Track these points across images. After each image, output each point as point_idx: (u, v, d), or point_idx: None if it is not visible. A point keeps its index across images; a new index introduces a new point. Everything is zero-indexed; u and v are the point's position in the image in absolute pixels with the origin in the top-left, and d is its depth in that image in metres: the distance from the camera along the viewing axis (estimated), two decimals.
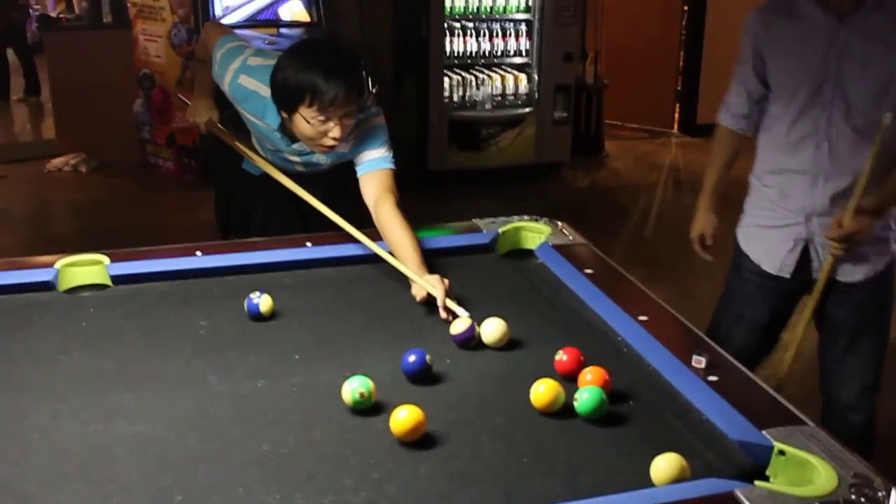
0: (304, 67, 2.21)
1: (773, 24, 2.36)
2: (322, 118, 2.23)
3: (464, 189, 5.86)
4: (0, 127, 8.41)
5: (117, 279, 2.14)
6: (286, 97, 2.25)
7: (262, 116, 2.43)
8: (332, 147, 2.31)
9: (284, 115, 2.31)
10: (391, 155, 2.39)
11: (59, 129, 6.64)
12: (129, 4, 6.20)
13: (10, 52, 9.26)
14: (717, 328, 2.58)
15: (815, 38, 2.25)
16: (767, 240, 2.48)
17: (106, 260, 2.17)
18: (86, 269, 2.15)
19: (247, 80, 2.44)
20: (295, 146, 2.47)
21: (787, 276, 2.44)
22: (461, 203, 5.38)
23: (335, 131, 2.26)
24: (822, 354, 2.52)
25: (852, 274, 2.38)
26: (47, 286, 2.10)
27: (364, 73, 2.30)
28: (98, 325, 1.96)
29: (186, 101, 2.93)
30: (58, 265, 2.13)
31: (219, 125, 2.77)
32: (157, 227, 5.34)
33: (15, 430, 1.55)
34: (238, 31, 4.33)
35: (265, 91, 2.36)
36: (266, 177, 2.61)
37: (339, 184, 2.46)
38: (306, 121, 2.24)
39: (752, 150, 2.56)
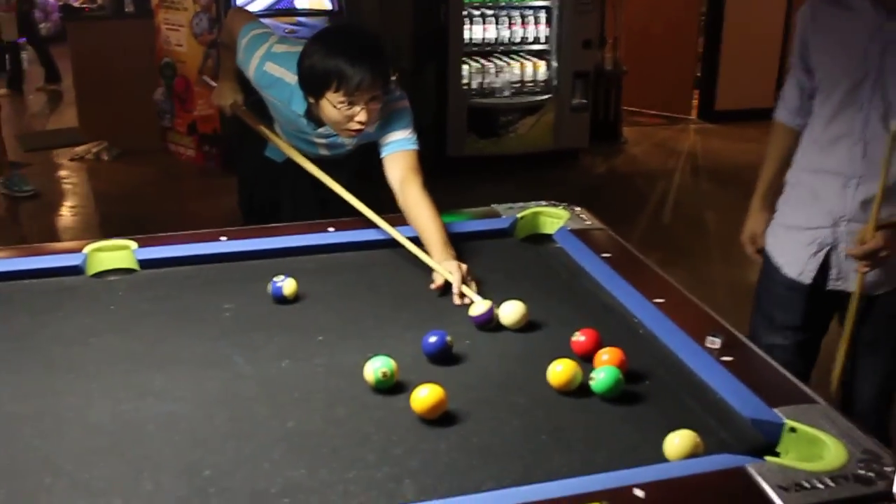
0: (330, 53, 2.25)
1: (821, 13, 2.25)
2: (349, 103, 2.28)
3: (483, 176, 5.89)
4: (19, 116, 8.51)
5: (144, 263, 2.19)
6: (313, 83, 2.30)
7: (288, 102, 2.48)
8: (358, 131, 2.35)
9: (311, 100, 2.35)
10: (416, 137, 2.43)
11: (82, 117, 6.71)
12: None
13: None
14: (753, 332, 2.48)
15: (861, 30, 2.12)
16: (792, 242, 2.36)
17: (133, 245, 2.22)
18: (113, 253, 2.21)
19: (272, 67, 2.49)
20: (321, 130, 2.52)
21: (808, 281, 2.32)
22: (480, 190, 5.41)
23: (361, 115, 2.30)
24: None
25: (874, 287, 2.25)
26: (76, 270, 2.15)
27: (388, 58, 2.34)
28: (126, 308, 2.02)
29: (212, 83, 2.98)
30: (86, 250, 2.19)
31: (243, 108, 2.81)
32: (179, 215, 5.41)
33: (50, 409, 1.60)
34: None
35: (291, 77, 2.41)
36: (289, 164, 2.66)
37: (363, 169, 2.50)
38: (333, 106, 2.29)
39: None
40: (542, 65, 6.40)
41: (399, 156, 2.39)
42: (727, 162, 6.63)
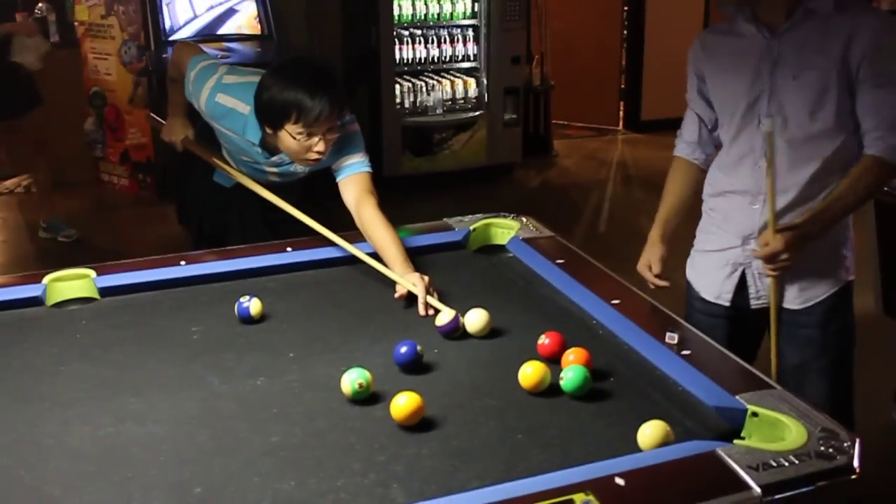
0: (288, 86, 2.30)
1: (711, 45, 2.31)
2: (307, 134, 2.33)
3: (420, 194, 5.95)
4: None
5: (104, 291, 2.20)
6: (272, 115, 2.35)
7: (241, 132, 2.52)
8: (316, 160, 2.41)
9: (269, 131, 2.40)
10: (367, 158, 2.50)
11: (8, 150, 6.55)
12: (76, 24, 6.18)
13: None
14: None
15: (750, 53, 2.18)
16: (707, 265, 2.38)
17: (92, 273, 2.22)
18: (73, 283, 2.21)
19: (224, 98, 2.52)
20: (274, 159, 2.56)
21: (726, 303, 2.32)
22: (418, 207, 5.44)
23: (319, 146, 2.36)
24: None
25: (794, 300, 2.24)
26: (36, 301, 2.15)
27: (343, 88, 2.40)
28: (92, 336, 2.02)
29: (161, 121, 2.99)
30: (45, 280, 2.19)
31: (194, 142, 2.84)
32: (117, 244, 5.34)
33: (29, 438, 1.60)
34: None
35: (243, 108, 2.45)
36: (239, 188, 2.70)
37: (310, 191, 2.55)
38: (292, 137, 2.34)
39: None
40: (472, 82, 6.51)
41: (353, 179, 2.45)
42: (656, 170, 6.79)
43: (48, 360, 1.91)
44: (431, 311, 2.06)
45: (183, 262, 2.32)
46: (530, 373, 1.70)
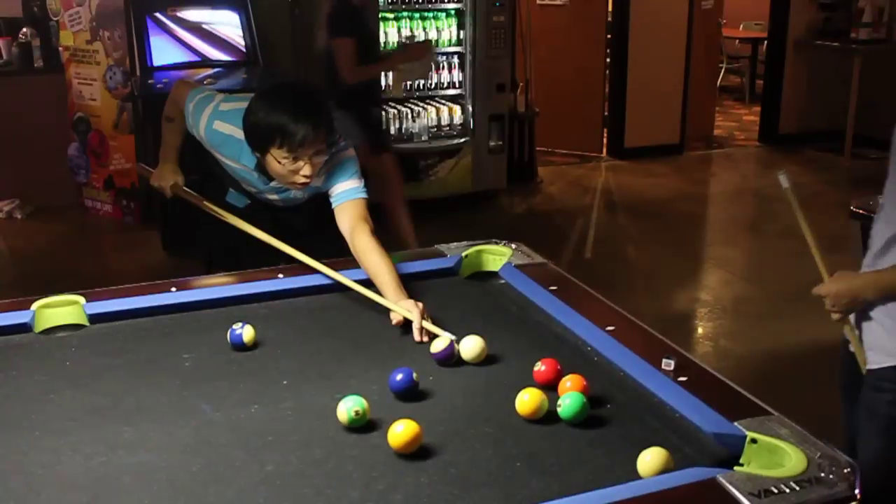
0: (272, 111, 2.31)
1: None
2: (293, 158, 2.34)
3: None
4: None
5: (94, 318, 2.18)
6: (257, 139, 2.36)
7: (238, 158, 2.52)
8: (304, 184, 2.41)
9: (258, 155, 2.40)
10: (363, 184, 2.50)
11: None
12: (61, 48, 6.17)
13: None
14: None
15: None
16: None
17: (82, 300, 2.20)
18: (62, 309, 2.18)
19: (221, 125, 2.53)
20: (272, 184, 2.56)
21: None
22: None
23: (306, 170, 2.36)
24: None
25: (871, 360, 2.16)
26: (24, 328, 2.12)
27: (330, 113, 2.40)
28: (82, 363, 2.00)
29: (150, 169, 2.98)
30: (34, 307, 2.16)
31: (185, 188, 2.84)
32: (101, 271, 5.30)
33: (18, 468, 1.58)
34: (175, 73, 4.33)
35: (239, 133, 2.46)
36: (251, 209, 2.69)
37: (322, 213, 2.53)
38: (278, 161, 2.35)
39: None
40: (457, 109, 6.54)
41: (348, 206, 2.45)
42: (639, 196, 6.86)
43: (37, 387, 1.88)
44: (426, 338, 2.05)
45: (174, 289, 2.29)
46: (527, 400, 1.69)
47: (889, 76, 7.76)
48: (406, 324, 2.11)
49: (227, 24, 6.06)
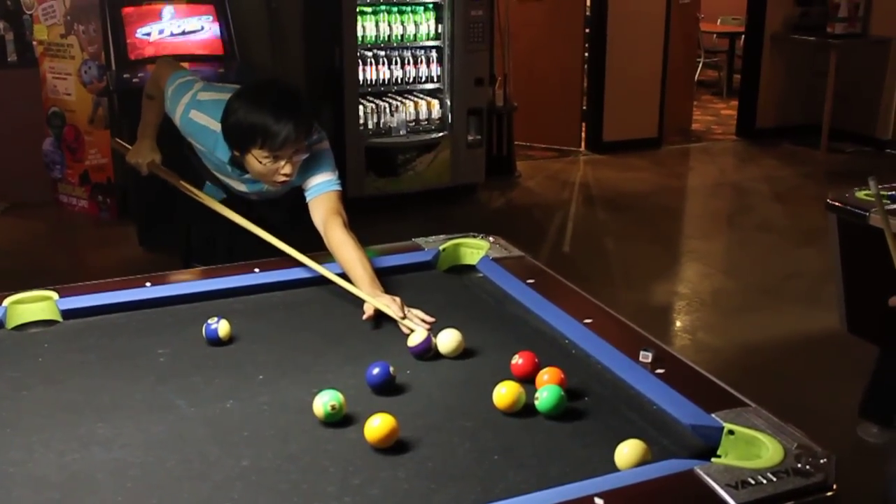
0: (253, 110, 2.28)
1: None
2: (273, 158, 2.31)
3: (384, 214, 5.93)
4: None
5: (67, 314, 2.15)
6: (238, 140, 2.33)
7: (213, 150, 2.49)
8: (284, 182, 2.39)
9: (237, 154, 2.37)
10: (337, 177, 2.48)
11: None
12: (35, 43, 6.09)
13: None
14: None
15: None
16: None
17: (55, 295, 2.17)
18: (34, 305, 2.15)
19: (197, 115, 2.50)
20: (246, 177, 2.53)
21: None
22: (382, 228, 5.40)
23: (287, 168, 2.35)
24: None
25: None
26: None
27: (310, 111, 2.38)
28: (55, 359, 1.97)
29: (126, 145, 2.93)
30: (5, 303, 2.13)
31: (161, 166, 2.80)
32: (77, 267, 5.25)
33: None
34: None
35: (215, 125, 2.42)
36: (228, 202, 2.65)
37: (299, 208, 2.51)
38: (258, 161, 2.32)
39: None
40: (435, 103, 6.52)
41: (322, 199, 2.43)
42: (618, 190, 6.88)
43: (9, 384, 1.85)
44: (406, 331, 2.04)
45: (148, 284, 2.27)
46: (505, 393, 1.68)
47: (864, 71, 7.82)
48: (380, 317, 2.10)
49: (204, 18, 6.01)
